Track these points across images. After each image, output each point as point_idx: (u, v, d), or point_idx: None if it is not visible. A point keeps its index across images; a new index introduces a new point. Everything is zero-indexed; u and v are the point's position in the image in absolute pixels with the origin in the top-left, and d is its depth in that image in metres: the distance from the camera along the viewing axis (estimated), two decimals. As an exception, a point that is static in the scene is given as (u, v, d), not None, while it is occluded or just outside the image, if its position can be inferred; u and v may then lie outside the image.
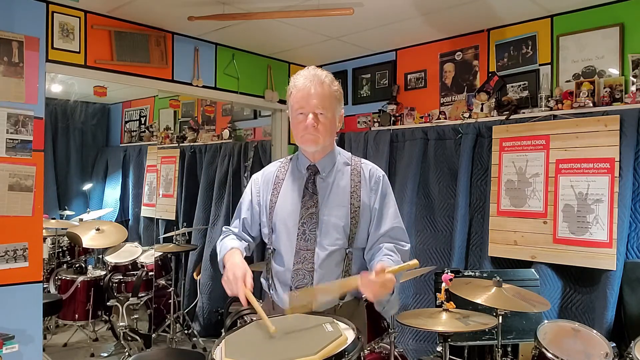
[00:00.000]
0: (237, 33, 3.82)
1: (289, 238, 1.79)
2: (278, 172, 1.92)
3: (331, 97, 1.77)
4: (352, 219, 1.78)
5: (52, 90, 4.89)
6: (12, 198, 2.94)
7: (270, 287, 1.86)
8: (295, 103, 1.78)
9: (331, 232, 1.77)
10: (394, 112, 4.13)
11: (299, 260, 1.77)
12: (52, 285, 4.43)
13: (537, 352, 2.49)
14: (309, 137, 1.76)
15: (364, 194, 1.82)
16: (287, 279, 1.79)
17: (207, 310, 4.74)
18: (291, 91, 1.80)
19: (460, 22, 3.57)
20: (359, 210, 1.79)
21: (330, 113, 1.77)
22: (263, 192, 1.90)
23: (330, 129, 1.80)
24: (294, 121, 1.81)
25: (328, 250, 1.76)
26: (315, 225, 1.77)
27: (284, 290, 1.80)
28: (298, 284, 1.76)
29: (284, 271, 1.80)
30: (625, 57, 3.06)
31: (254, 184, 1.95)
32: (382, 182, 1.86)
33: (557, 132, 3.21)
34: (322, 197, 1.81)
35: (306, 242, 1.77)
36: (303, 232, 1.78)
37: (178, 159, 5.39)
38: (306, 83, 1.75)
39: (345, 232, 1.77)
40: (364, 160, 1.92)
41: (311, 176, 1.84)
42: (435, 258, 3.78)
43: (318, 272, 1.76)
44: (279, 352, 1.38)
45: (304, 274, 1.76)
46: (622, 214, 2.92)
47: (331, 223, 1.77)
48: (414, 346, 3.70)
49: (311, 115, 1.74)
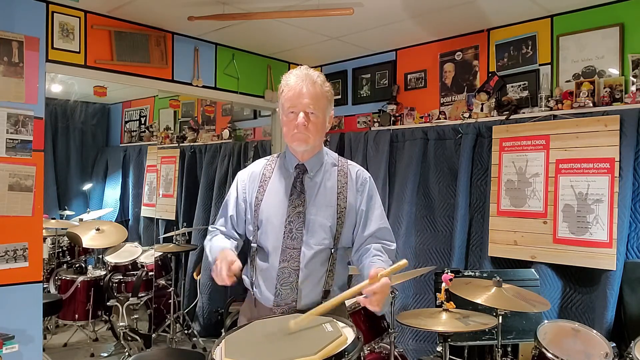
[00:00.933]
0: (237, 33, 3.82)
1: (275, 236, 1.80)
2: (264, 170, 1.92)
3: (323, 97, 1.78)
4: (339, 219, 1.80)
5: (52, 90, 4.90)
6: (12, 198, 2.94)
7: (254, 285, 1.86)
8: (286, 101, 1.78)
9: (318, 231, 1.78)
10: (394, 112, 4.13)
11: (285, 259, 1.78)
12: (52, 285, 4.43)
13: (537, 352, 2.49)
14: (299, 135, 1.77)
15: (350, 195, 1.84)
16: (272, 276, 1.79)
17: (207, 310, 4.74)
18: (282, 89, 1.81)
19: (461, 22, 3.57)
20: (345, 210, 1.81)
21: (321, 113, 1.79)
22: (249, 190, 1.91)
23: (321, 129, 1.81)
24: (285, 119, 1.82)
25: (314, 250, 1.77)
26: (302, 224, 1.78)
27: (268, 287, 1.80)
28: (283, 282, 1.77)
29: (268, 268, 1.81)
30: (625, 57, 3.06)
31: (240, 182, 1.95)
32: (368, 183, 1.88)
33: (557, 132, 3.21)
34: (310, 196, 1.82)
35: (292, 241, 1.78)
36: (290, 231, 1.78)
37: (178, 159, 5.39)
38: (298, 82, 1.76)
39: (331, 231, 1.79)
40: (351, 162, 1.95)
41: (299, 175, 1.85)
42: (435, 258, 3.78)
43: (303, 271, 1.77)
44: (279, 352, 1.38)
45: (290, 272, 1.77)
46: (622, 214, 2.92)
47: (318, 222, 1.79)
48: (414, 346, 3.70)
49: (302, 114, 1.75)
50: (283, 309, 1.76)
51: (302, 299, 1.77)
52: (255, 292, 1.85)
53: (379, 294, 1.53)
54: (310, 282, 1.78)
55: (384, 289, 1.54)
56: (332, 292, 1.80)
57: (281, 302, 1.77)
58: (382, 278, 1.54)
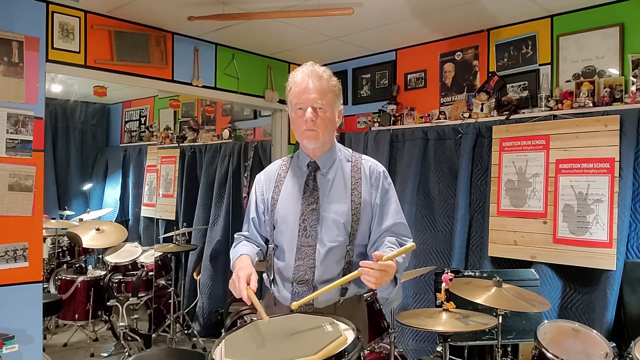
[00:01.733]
0: (237, 33, 3.82)
1: (290, 234, 1.80)
2: (279, 170, 1.92)
3: (330, 91, 1.77)
4: (354, 216, 1.77)
5: (52, 90, 4.89)
6: (12, 198, 2.94)
7: (272, 283, 1.87)
8: (294, 98, 1.78)
9: (332, 228, 1.77)
10: (394, 112, 4.13)
11: (300, 257, 1.77)
12: (52, 285, 4.43)
13: (537, 352, 2.49)
14: (308, 133, 1.76)
15: (364, 191, 1.81)
16: (289, 274, 1.79)
17: (207, 310, 4.74)
18: (290, 87, 1.80)
19: (460, 22, 3.57)
20: (359, 207, 1.79)
21: (329, 107, 1.77)
22: (266, 191, 1.91)
23: (330, 124, 1.79)
24: (293, 117, 1.81)
25: (328, 247, 1.76)
26: (316, 222, 1.77)
27: (285, 285, 1.81)
28: (299, 279, 1.77)
29: (285, 267, 1.81)
30: (625, 57, 3.06)
31: (258, 184, 1.96)
32: (382, 177, 1.85)
33: (557, 132, 3.21)
34: (323, 193, 1.81)
35: (307, 238, 1.77)
36: (304, 228, 1.78)
37: (178, 159, 5.39)
38: (304, 78, 1.76)
39: (345, 229, 1.77)
40: (365, 156, 1.91)
41: (311, 173, 1.84)
42: (435, 258, 3.78)
43: (319, 269, 1.76)
44: (279, 352, 1.38)
45: (305, 269, 1.76)
46: (622, 214, 2.92)
47: (332, 219, 1.77)
48: (414, 346, 3.70)
49: (310, 109, 1.74)
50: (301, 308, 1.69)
51: (318, 298, 1.73)
52: (274, 291, 1.85)
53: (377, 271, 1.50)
54: (327, 280, 1.74)
55: (387, 269, 1.51)
56: (349, 289, 1.78)
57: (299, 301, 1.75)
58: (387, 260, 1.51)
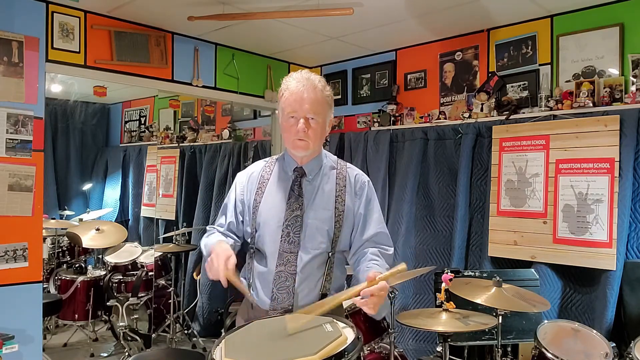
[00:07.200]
0: (237, 33, 3.82)
1: (273, 239, 1.79)
2: (263, 172, 1.91)
3: (323, 102, 1.78)
4: (336, 223, 1.78)
5: (52, 90, 4.88)
6: (12, 198, 2.94)
7: (251, 287, 1.85)
8: (287, 106, 1.77)
9: (316, 235, 1.77)
10: (394, 112, 4.13)
11: (282, 263, 1.76)
12: (52, 285, 4.42)
13: (537, 352, 2.49)
14: (299, 142, 1.77)
15: (348, 199, 1.83)
16: (269, 280, 1.78)
17: (207, 310, 4.74)
18: (283, 93, 1.79)
19: (460, 22, 3.57)
20: (343, 214, 1.80)
21: (321, 118, 1.78)
22: (247, 192, 1.90)
23: (320, 134, 1.81)
24: (284, 124, 1.81)
25: (311, 254, 1.76)
26: (299, 228, 1.77)
27: (265, 290, 1.80)
28: (280, 285, 1.76)
29: (265, 272, 1.80)
30: (625, 57, 3.06)
31: (239, 183, 1.94)
32: (367, 187, 1.87)
33: (557, 132, 3.21)
34: (308, 200, 1.81)
35: (290, 245, 1.76)
36: (287, 234, 1.77)
37: (178, 159, 5.39)
38: (299, 87, 1.75)
39: (329, 235, 1.78)
40: (350, 165, 1.93)
41: (297, 178, 1.84)
42: (435, 258, 3.78)
43: (300, 275, 1.76)
44: (279, 352, 1.38)
45: (287, 276, 1.76)
46: (622, 214, 2.92)
47: (315, 226, 1.77)
48: (414, 346, 3.70)
49: (302, 120, 1.74)
50: (279, 312, 1.74)
51: (298, 303, 1.75)
52: (252, 295, 1.84)
53: (376, 297, 1.51)
54: (307, 286, 1.76)
55: (382, 292, 1.53)
56: (329, 295, 1.78)
57: (277, 307, 1.76)
58: (380, 281, 1.52)
